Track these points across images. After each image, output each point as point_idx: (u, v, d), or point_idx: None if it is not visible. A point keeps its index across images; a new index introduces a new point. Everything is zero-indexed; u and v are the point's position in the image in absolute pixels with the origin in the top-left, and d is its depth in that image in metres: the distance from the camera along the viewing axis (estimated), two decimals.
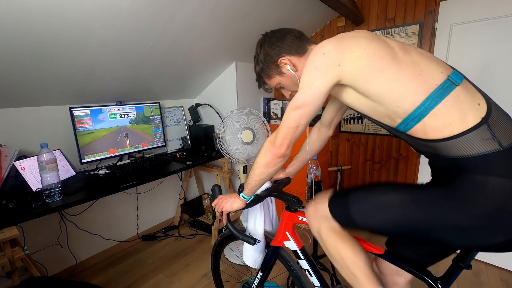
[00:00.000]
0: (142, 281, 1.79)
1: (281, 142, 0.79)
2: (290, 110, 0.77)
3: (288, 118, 0.77)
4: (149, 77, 1.87)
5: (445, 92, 0.66)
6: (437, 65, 0.70)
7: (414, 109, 0.68)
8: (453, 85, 0.67)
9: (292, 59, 0.89)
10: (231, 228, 0.94)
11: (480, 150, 0.63)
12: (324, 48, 0.74)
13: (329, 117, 1.10)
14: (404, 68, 0.69)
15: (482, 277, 1.75)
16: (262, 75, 0.98)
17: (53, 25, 1.13)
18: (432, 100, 0.66)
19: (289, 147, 0.80)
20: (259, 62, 0.96)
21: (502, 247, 0.67)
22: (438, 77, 0.68)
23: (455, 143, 0.66)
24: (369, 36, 0.74)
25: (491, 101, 0.69)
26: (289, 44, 0.89)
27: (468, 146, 0.64)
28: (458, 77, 0.69)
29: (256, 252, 1.13)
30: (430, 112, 0.67)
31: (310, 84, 0.74)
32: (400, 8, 2.04)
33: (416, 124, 0.69)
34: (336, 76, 0.72)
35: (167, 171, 1.78)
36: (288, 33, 0.91)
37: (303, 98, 0.75)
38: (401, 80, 0.68)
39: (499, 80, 1.69)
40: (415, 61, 0.70)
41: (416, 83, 0.68)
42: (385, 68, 0.69)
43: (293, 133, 0.78)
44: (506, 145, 0.63)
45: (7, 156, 1.39)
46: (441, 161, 0.73)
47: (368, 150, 2.38)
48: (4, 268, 1.16)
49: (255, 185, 0.89)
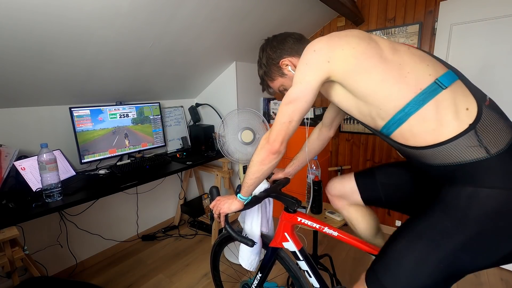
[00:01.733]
0: (142, 281, 1.79)
1: (274, 138, 0.80)
2: (283, 104, 0.78)
3: (281, 113, 0.78)
4: (149, 77, 1.87)
5: (428, 97, 0.64)
6: (427, 67, 0.68)
7: (394, 113, 0.68)
8: (439, 89, 0.65)
9: (293, 60, 0.91)
10: (229, 229, 0.94)
11: (466, 158, 0.62)
12: (316, 45, 0.75)
13: (330, 118, 1.11)
14: (390, 70, 0.68)
15: (482, 277, 1.75)
16: (265, 78, 1.00)
17: (53, 25, 1.13)
18: (412, 106, 0.65)
19: (283, 143, 0.80)
20: (262, 66, 0.98)
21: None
22: (424, 80, 0.66)
23: (439, 151, 0.64)
24: (360, 35, 0.75)
25: (486, 103, 0.66)
26: (290, 46, 0.91)
27: (454, 153, 0.63)
28: (448, 79, 0.66)
29: (252, 254, 1.12)
30: (410, 118, 0.66)
31: (302, 79, 0.75)
32: (400, 8, 2.04)
33: (396, 129, 0.69)
34: (325, 72, 0.73)
35: (167, 171, 1.78)
36: (289, 36, 0.94)
37: (295, 93, 0.76)
38: (386, 83, 0.68)
39: (499, 80, 1.69)
40: (403, 62, 0.69)
41: (400, 85, 0.67)
42: (373, 68, 0.69)
43: (286, 128, 0.78)
44: (493, 153, 0.61)
45: (7, 156, 1.39)
46: (428, 169, 0.71)
47: (368, 150, 2.38)
48: (4, 268, 1.16)
49: (251, 184, 0.89)
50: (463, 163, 0.63)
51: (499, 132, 0.63)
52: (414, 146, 0.68)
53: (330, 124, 1.12)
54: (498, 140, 0.62)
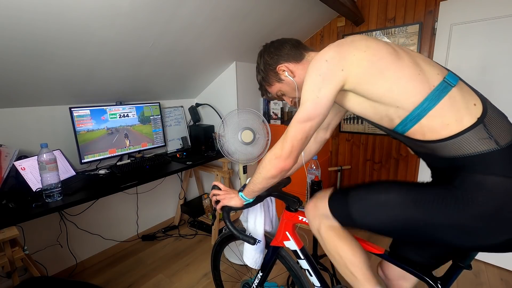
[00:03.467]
0: (142, 281, 1.79)
1: (288, 155, 0.78)
2: (299, 122, 0.75)
3: (296, 129, 0.76)
4: (149, 77, 1.87)
5: (442, 94, 0.67)
6: (433, 67, 0.71)
7: (412, 109, 0.69)
8: (449, 86, 0.67)
9: (290, 65, 0.92)
10: (231, 228, 0.94)
11: (478, 149, 0.64)
12: (326, 55, 0.74)
13: (327, 121, 1.11)
14: (404, 67, 0.69)
15: (482, 277, 1.75)
16: (263, 83, 1.00)
17: (53, 25, 1.13)
18: (430, 101, 0.67)
19: (296, 159, 0.80)
20: (260, 71, 0.99)
21: (503, 247, 0.67)
22: (435, 78, 0.69)
23: (452, 143, 0.66)
24: (367, 38, 0.76)
25: (487, 101, 0.70)
26: (287, 52, 0.92)
27: (466, 145, 0.65)
28: (453, 78, 0.69)
29: (256, 252, 1.13)
30: (428, 113, 0.67)
31: (317, 93, 0.73)
32: (400, 8, 2.04)
33: (414, 125, 0.70)
34: (341, 81, 0.73)
35: (167, 171, 1.78)
36: (286, 42, 0.94)
37: (312, 109, 0.73)
38: (401, 80, 0.69)
39: (499, 80, 1.69)
40: (415, 61, 0.71)
41: (415, 83, 0.68)
42: (386, 68, 0.70)
43: (302, 145, 0.77)
44: (503, 144, 0.63)
45: (7, 156, 1.39)
46: (439, 162, 0.73)
47: (368, 150, 2.38)
48: (4, 268, 1.16)
49: (257, 191, 0.90)
50: (474, 155, 0.64)
51: (504, 126, 0.66)
52: (430, 140, 0.69)
53: (326, 127, 1.12)
54: (506, 133, 0.65)
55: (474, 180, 0.65)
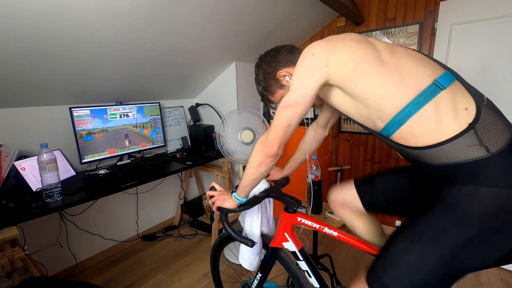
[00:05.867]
0: (142, 281, 1.79)
1: (272, 142, 0.79)
2: (281, 108, 0.77)
3: (279, 117, 0.77)
4: (149, 77, 1.87)
5: (427, 98, 0.65)
6: (425, 68, 0.69)
7: (394, 115, 0.68)
8: (438, 89, 0.65)
9: (289, 70, 0.92)
10: (228, 229, 0.94)
11: (467, 157, 0.62)
12: (313, 49, 0.75)
13: (325, 119, 1.12)
14: (389, 72, 0.69)
15: (482, 277, 1.75)
16: (265, 93, 1.00)
17: (53, 25, 1.13)
18: (412, 107, 0.66)
19: (280, 147, 0.80)
20: (260, 82, 0.99)
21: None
22: (423, 81, 0.67)
23: (440, 150, 0.65)
24: (358, 38, 0.75)
25: (484, 103, 0.66)
26: (284, 58, 0.92)
27: (454, 153, 0.63)
28: (447, 79, 0.67)
29: (252, 254, 1.12)
30: (410, 119, 0.66)
31: (301, 83, 0.75)
32: (400, 8, 2.04)
33: (396, 130, 0.69)
34: (324, 76, 0.73)
35: (167, 171, 1.78)
36: (281, 48, 0.95)
37: (295, 97, 0.75)
38: (385, 85, 0.68)
39: (499, 80, 1.69)
40: (402, 64, 0.70)
41: (399, 87, 0.67)
42: (371, 70, 0.69)
43: (284, 132, 0.78)
44: (494, 151, 0.61)
45: (7, 156, 1.39)
46: (429, 169, 0.71)
47: (368, 150, 2.38)
48: (4, 268, 1.16)
49: (247, 185, 0.89)
50: (463, 162, 0.63)
51: (498, 131, 0.63)
52: (414, 147, 0.68)
53: (325, 124, 1.13)
54: (498, 139, 0.62)
55: (465, 193, 0.63)
